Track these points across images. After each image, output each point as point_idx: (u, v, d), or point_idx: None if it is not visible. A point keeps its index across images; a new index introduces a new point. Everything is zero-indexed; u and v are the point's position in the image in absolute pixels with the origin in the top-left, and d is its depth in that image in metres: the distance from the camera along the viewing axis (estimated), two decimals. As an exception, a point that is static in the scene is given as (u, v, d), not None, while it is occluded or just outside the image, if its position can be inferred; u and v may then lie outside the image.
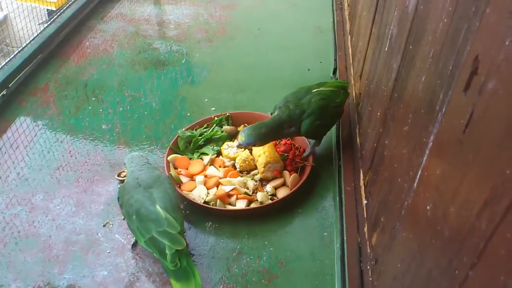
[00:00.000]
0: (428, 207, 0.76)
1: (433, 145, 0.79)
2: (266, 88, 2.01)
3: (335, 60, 2.10)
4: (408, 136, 0.97)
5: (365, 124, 1.45)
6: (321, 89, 1.55)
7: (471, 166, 0.62)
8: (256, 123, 1.48)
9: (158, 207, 1.24)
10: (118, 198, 1.33)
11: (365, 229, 1.25)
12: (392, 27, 1.25)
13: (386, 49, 1.30)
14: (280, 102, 1.54)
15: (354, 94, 1.75)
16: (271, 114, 1.57)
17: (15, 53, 2.05)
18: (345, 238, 1.31)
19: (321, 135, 1.55)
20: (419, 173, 0.84)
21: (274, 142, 1.62)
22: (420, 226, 0.80)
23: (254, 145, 1.46)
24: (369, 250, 1.18)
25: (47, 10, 3.29)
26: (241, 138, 1.44)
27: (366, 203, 1.30)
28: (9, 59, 2.02)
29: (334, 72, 2.03)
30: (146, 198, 1.26)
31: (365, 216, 1.28)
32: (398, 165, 1.01)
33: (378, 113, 1.27)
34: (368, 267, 1.15)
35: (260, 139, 1.44)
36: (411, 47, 1.05)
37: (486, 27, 0.63)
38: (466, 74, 0.67)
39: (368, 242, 1.20)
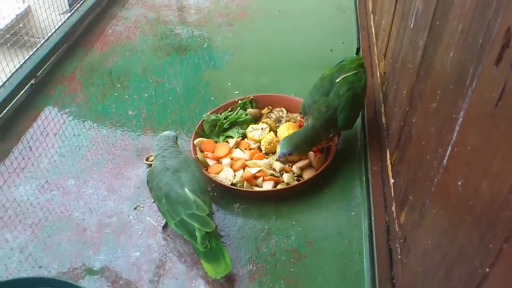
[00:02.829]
0: (459, 183, 0.76)
1: (463, 120, 0.79)
2: (289, 70, 2.01)
3: (358, 40, 2.08)
4: (436, 113, 0.96)
5: (391, 103, 1.44)
6: (343, 76, 1.51)
7: (504, 139, 0.62)
8: (292, 133, 1.47)
9: (186, 190, 1.26)
10: (148, 182, 1.36)
11: (393, 208, 1.25)
12: (417, 3, 1.24)
13: (411, 26, 1.28)
14: (307, 102, 1.50)
15: (378, 74, 1.74)
16: (300, 113, 1.56)
17: (41, 43, 2.09)
18: (372, 217, 1.31)
19: (354, 123, 1.54)
20: (449, 150, 0.84)
21: (298, 123, 1.62)
22: (451, 202, 0.80)
23: (291, 155, 1.44)
24: (397, 229, 1.18)
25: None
26: (277, 150, 1.45)
27: (393, 182, 1.30)
28: (35, 48, 2.06)
29: (357, 52, 2.01)
30: (175, 182, 1.28)
31: (393, 195, 1.28)
32: (426, 142, 1.01)
33: (405, 92, 1.26)
34: (397, 245, 1.15)
35: (294, 149, 1.42)
36: (438, 23, 1.03)
37: (519, -2, 0.62)
38: (497, 47, 0.66)
39: (396, 221, 1.20)
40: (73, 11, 2.33)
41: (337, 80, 1.49)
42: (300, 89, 1.73)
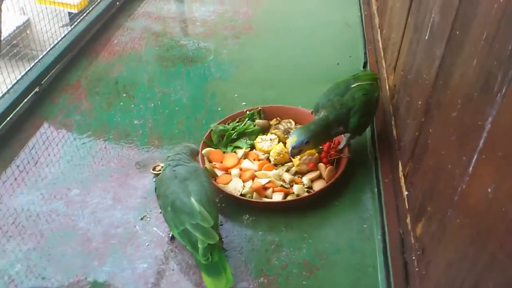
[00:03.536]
0: (489, 189, 0.74)
1: (492, 126, 0.77)
2: (296, 84, 2.00)
3: (365, 53, 2.08)
4: (457, 122, 0.95)
5: (403, 115, 1.43)
6: (359, 83, 1.52)
7: (543, 142, 0.60)
8: (304, 124, 1.46)
9: (192, 199, 1.23)
10: (155, 189, 1.33)
11: (408, 220, 1.22)
12: (433, 15, 1.23)
13: (426, 37, 1.28)
14: (321, 101, 1.51)
15: (387, 87, 1.73)
16: (312, 113, 1.55)
17: (47, 51, 2.07)
18: (386, 230, 1.29)
19: (365, 130, 1.54)
20: (475, 157, 0.82)
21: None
22: (479, 210, 0.78)
23: (308, 144, 1.41)
24: (413, 241, 1.16)
25: (69, 13, 3.34)
26: (292, 140, 1.40)
27: (407, 194, 1.28)
28: (41, 56, 2.04)
29: (365, 65, 2.01)
30: (182, 190, 1.26)
31: (407, 207, 1.26)
32: (446, 151, 0.99)
33: (419, 103, 1.25)
34: (414, 257, 1.13)
35: (311, 136, 1.40)
36: (457, 32, 1.03)
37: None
38: (531, 50, 0.65)
39: (412, 233, 1.18)
40: (75, 23, 2.32)
41: (353, 86, 1.49)
42: (307, 103, 1.71)
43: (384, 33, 1.97)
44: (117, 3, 2.61)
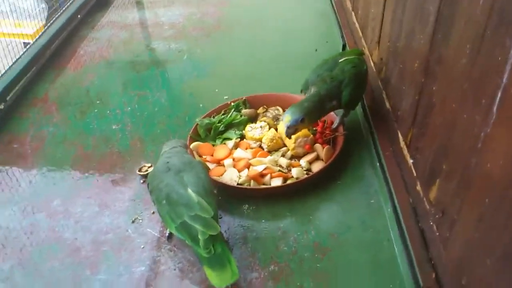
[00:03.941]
0: (525, 120, 0.68)
1: (517, 55, 0.72)
2: (276, 73, 1.95)
3: (342, 36, 2.04)
4: (469, 68, 0.90)
5: (397, 85, 1.38)
6: (346, 58, 1.48)
7: None
8: (296, 103, 1.38)
9: (190, 190, 1.14)
10: (148, 185, 1.23)
11: (418, 188, 1.16)
12: (419, -27, 1.19)
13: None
14: (310, 77, 1.46)
15: (372, 64, 1.69)
16: (301, 91, 1.49)
17: (9, 66, 1.94)
18: (396, 202, 1.22)
19: (358, 103, 1.49)
20: (499, 95, 0.77)
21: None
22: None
23: (303, 122, 1.34)
24: (428, 207, 1.09)
25: (24, 43, 3.18)
26: (286, 119, 1.33)
27: (413, 162, 1.22)
28: (3, 72, 1.91)
29: (343, 48, 1.97)
30: (177, 182, 1.16)
31: (415, 174, 1.20)
32: (459, 102, 0.94)
33: (416, 65, 1.20)
34: (431, 223, 1.06)
35: (306, 114, 1.33)
36: (453, -21, 0.98)
37: None
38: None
39: (425, 199, 1.12)
40: (39, 35, 2.20)
41: (340, 60, 1.44)
42: (291, 89, 1.65)
43: (360, 13, 1.94)
44: (78, 16, 2.50)
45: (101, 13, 2.63)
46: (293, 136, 1.40)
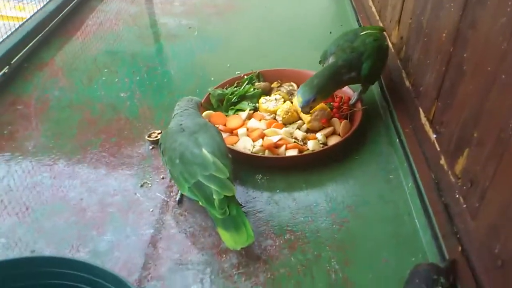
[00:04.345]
0: None
1: None
2: (289, 52, 1.90)
3: (358, 20, 2.00)
4: (511, 25, 0.86)
5: (419, 61, 1.34)
6: (367, 31, 1.44)
7: None
8: (308, 80, 1.33)
9: (204, 150, 1.09)
10: (160, 145, 1.18)
11: (442, 162, 1.12)
12: None
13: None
14: (329, 48, 1.42)
15: (391, 45, 1.65)
16: (320, 61, 1.45)
17: (15, 28, 1.88)
18: (417, 177, 1.18)
19: (378, 78, 1.45)
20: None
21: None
22: None
23: (315, 101, 1.30)
24: (453, 180, 1.05)
25: None
26: (298, 100, 1.30)
27: (436, 137, 1.18)
28: (8, 34, 1.85)
29: (360, 31, 1.93)
30: (192, 142, 1.12)
31: (438, 149, 1.16)
32: (498, 62, 0.89)
33: (444, 35, 1.16)
34: (457, 195, 1.02)
35: (317, 92, 1.28)
36: None
37: None
38: None
39: (449, 172, 1.08)
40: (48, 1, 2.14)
41: (361, 33, 1.40)
42: (304, 67, 1.61)
43: (378, -4, 1.91)
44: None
45: (110, -12, 2.57)
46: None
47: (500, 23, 0.89)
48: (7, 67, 1.77)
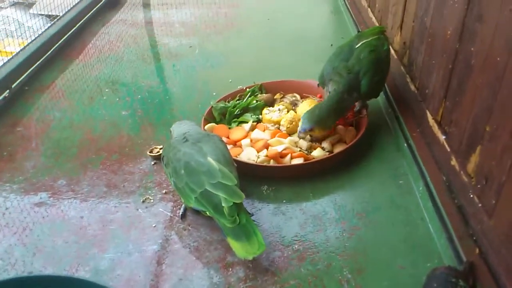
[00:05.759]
0: None
1: None
2: (291, 65, 1.89)
3: (358, 32, 1.99)
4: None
5: (424, 62, 1.31)
6: (363, 41, 1.40)
7: None
8: (314, 106, 1.31)
9: (209, 158, 1.06)
10: (162, 158, 1.15)
11: (452, 162, 1.08)
12: None
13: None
14: (325, 69, 1.38)
15: (393, 51, 1.62)
16: (318, 85, 1.42)
17: (16, 52, 1.88)
18: (428, 180, 1.13)
19: (381, 90, 1.41)
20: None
21: (320, 96, 1.47)
22: None
23: (312, 131, 1.28)
24: (466, 179, 1.01)
25: None
26: (299, 124, 1.31)
27: (445, 138, 1.14)
28: (10, 58, 1.84)
29: (362, 41, 1.91)
30: (196, 151, 1.08)
31: (448, 150, 1.11)
32: (508, 51, 0.86)
33: (449, 32, 1.14)
34: (471, 195, 0.97)
35: (317, 122, 1.27)
36: None
37: None
38: None
39: (462, 172, 1.03)
40: (50, 25, 2.15)
41: (357, 46, 1.36)
42: (307, 78, 1.59)
43: (378, 6, 1.89)
44: (89, 12, 2.46)
45: (112, 12, 2.59)
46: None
47: (508, 10, 0.86)
48: (8, 91, 1.76)
